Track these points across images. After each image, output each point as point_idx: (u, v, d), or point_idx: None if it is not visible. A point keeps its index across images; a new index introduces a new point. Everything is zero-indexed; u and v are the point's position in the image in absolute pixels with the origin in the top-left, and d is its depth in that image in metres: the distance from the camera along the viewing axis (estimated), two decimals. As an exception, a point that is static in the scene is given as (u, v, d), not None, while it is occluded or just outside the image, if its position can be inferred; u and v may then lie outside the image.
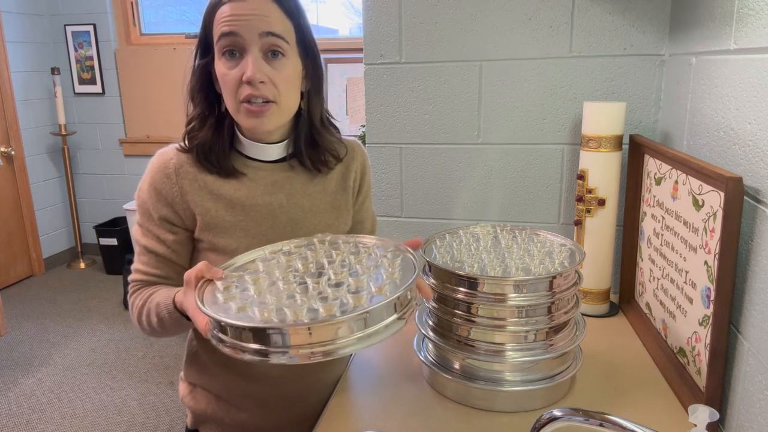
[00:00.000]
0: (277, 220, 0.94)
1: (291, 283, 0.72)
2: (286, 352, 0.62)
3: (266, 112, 0.86)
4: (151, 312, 0.88)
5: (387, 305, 0.66)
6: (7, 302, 3.51)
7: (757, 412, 0.77)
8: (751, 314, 0.79)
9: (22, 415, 2.43)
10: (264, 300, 0.68)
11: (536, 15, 1.30)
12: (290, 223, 0.95)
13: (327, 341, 0.62)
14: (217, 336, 0.67)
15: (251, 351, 0.63)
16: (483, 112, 1.39)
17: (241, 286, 0.73)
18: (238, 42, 0.83)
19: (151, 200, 0.90)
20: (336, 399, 0.97)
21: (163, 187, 0.89)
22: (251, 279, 0.74)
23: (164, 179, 0.89)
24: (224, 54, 0.84)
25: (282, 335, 0.62)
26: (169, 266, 0.93)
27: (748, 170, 0.81)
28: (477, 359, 0.92)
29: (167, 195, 0.89)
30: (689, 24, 1.10)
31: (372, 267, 0.76)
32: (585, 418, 0.56)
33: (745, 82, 0.84)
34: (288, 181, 0.95)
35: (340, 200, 1.01)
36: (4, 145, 3.78)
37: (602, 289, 1.25)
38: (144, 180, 0.92)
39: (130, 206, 3.87)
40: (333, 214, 0.99)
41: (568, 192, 1.38)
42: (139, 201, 0.92)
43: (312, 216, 0.97)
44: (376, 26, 1.39)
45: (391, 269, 0.75)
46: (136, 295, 0.93)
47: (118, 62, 4.01)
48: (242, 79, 0.83)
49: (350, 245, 0.83)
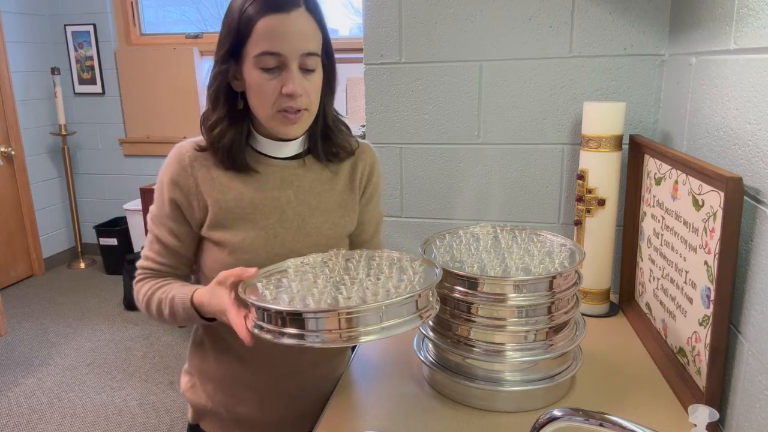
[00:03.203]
0: (284, 215, 0.96)
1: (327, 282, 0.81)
2: (318, 335, 0.71)
3: (300, 119, 0.91)
4: (163, 303, 0.93)
5: (408, 302, 0.75)
6: (7, 302, 3.51)
7: (757, 412, 0.77)
8: (751, 314, 0.79)
9: (22, 415, 2.43)
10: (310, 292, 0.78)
11: (536, 15, 1.30)
12: (297, 219, 0.97)
13: (351, 328, 0.71)
14: (260, 324, 0.76)
15: (289, 335, 0.72)
16: (483, 112, 1.39)
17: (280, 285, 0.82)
18: (279, 60, 0.87)
19: (167, 189, 0.94)
20: (336, 399, 0.97)
21: (180, 177, 0.93)
22: (289, 280, 0.83)
23: (180, 170, 0.93)
24: (261, 67, 0.87)
25: (317, 320, 0.71)
26: (177, 258, 0.97)
27: (748, 170, 0.81)
28: (477, 359, 0.92)
29: (183, 185, 0.93)
30: (689, 24, 1.10)
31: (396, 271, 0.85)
32: (585, 418, 0.56)
33: (745, 82, 0.84)
34: (297, 179, 0.98)
35: (347, 200, 1.03)
36: (4, 145, 3.78)
37: (602, 289, 1.25)
38: (162, 171, 0.96)
39: (130, 206, 3.87)
40: (339, 213, 1.01)
41: (568, 192, 1.38)
42: (157, 192, 0.96)
43: (319, 213, 0.99)
44: (376, 26, 1.39)
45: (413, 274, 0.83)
46: (144, 283, 0.97)
47: (118, 62, 4.01)
48: (282, 92, 0.87)
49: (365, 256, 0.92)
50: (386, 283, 0.80)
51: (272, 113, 0.89)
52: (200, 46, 3.89)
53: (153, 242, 0.97)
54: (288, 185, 0.97)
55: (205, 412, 1.07)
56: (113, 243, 3.97)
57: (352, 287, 0.79)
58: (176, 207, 0.94)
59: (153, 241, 0.97)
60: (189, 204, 0.94)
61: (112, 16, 3.99)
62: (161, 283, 0.96)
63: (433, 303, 0.80)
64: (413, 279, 0.81)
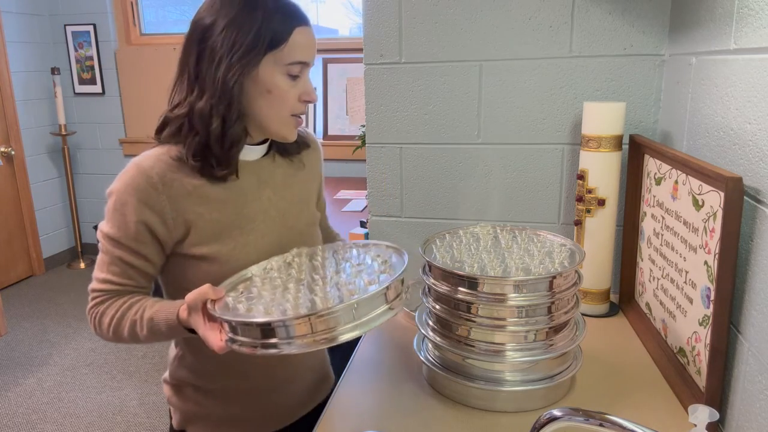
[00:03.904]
0: (267, 214, 0.98)
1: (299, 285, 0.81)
2: (292, 342, 0.72)
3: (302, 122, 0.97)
4: (137, 325, 0.87)
5: (377, 296, 0.75)
6: (7, 302, 3.51)
7: (757, 412, 0.77)
8: (751, 314, 0.79)
9: (22, 415, 2.43)
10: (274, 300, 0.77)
11: (536, 15, 1.30)
12: (278, 214, 0.99)
13: (327, 329, 0.71)
14: (232, 338, 0.76)
15: (263, 345, 0.73)
16: (483, 112, 1.39)
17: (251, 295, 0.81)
18: (304, 68, 0.92)
19: (133, 210, 0.87)
20: (336, 399, 0.97)
21: (149, 197, 0.87)
22: (258, 288, 0.83)
23: (149, 189, 0.87)
24: (289, 74, 0.90)
25: (286, 328, 0.71)
26: (143, 276, 0.92)
27: (748, 170, 0.81)
28: (477, 359, 0.92)
29: (153, 204, 0.88)
30: (689, 24, 1.10)
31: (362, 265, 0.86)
32: (585, 418, 0.56)
33: (745, 82, 0.84)
34: (271, 176, 1.00)
35: (311, 188, 1.08)
36: (4, 145, 3.78)
37: (602, 289, 1.25)
38: (122, 191, 0.88)
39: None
40: (309, 202, 1.07)
41: (568, 192, 1.38)
42: (115, 214, 0.89)
43: (295, 205, 1.02)
44: (376, 26, 1.39)
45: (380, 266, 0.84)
46: (107, 306, 0.90)
47: (118, 62, 4.01)
48: (301, 99, 0.92)
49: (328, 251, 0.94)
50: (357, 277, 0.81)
51: (287, 117, 0.92)
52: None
53: (112, 264, 0.90)
54: (264, 184, 0.98)
55: (193, 416, 1.05)
56: (113, 243, 3.96)
57: (325, 287, 0.78)
58: (145, 229, 0.88)
59: (112, 263, 0.90)
60: (163, 223, 0.88)
61: (112, 16, 3.99)
62: (125, 304, 0.90)
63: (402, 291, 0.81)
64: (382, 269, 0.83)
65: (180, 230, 0.90)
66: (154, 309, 0.87)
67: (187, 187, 0.90)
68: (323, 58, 3.58)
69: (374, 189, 1.50)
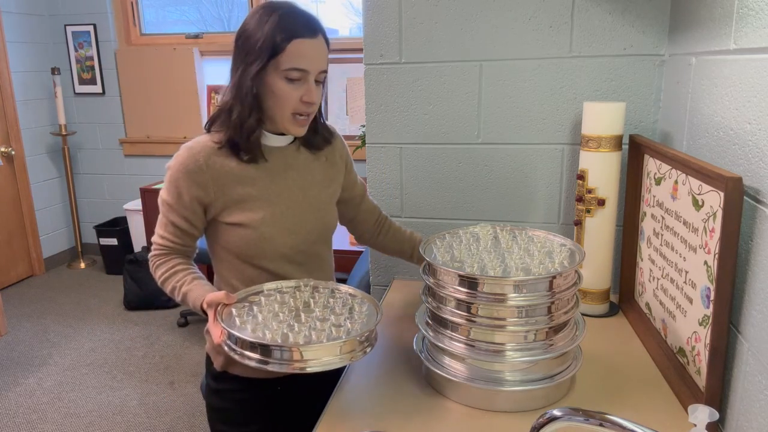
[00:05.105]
0: (292, 191, 1.15)
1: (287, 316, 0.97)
2: (283, 363, 0.87)
3: (308, 121, 1.10)
4: (176, 291, 1.09)
5: (333, 347, 0.88)
6: (7, 302, 3.51)
7: (757, 412, 0.77)
8: (751, 314, 0.79)
9: (22, 415, 2.43)
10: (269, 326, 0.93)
11: (536, 15, 1.30)
12: (300, 192, 1.16)
13: (309, 359, 0.87)
14: (226, 341, 0.93)
15: (256, 360, 0.88)
16: (483, 112, 1.39)
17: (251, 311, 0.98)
18: (303, 75, 1.04)
19: (185, 185, 1.07)
20: (336, 399, 0.98)
21: (196, 175, 1.07)
22: (258, 309, 0.99)
23: (196, 169, 1.07)
24: (287, 78, 1.04)
25: (281, 351, 0.87)
26: (189, 237, 1.13)
27: (748, 170, 0.81)
28: (477, 359, 0.92)
29: (200, 181, 1.07)
30: (689, 24, 1.10)
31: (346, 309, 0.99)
32: (585, 418, 0.56)
33: (744, 82, 0.84)
34: (295, 160, 1.17)
35: (330, 172, 1.23)
36: (4, 145, 3.78)
37: (602, 289, 1.25)
38: (176, 169, 1.08)
39: (130, 206, 3.87)
40: (326, 183, 1.22)
41: (568, 192, 1.38)
42: (171, 185, 1.09)
43: (314, 185, 1.19)
44: (376, 26, 1.39)
45: (359, 313, 0.97)
46: (162, 261, 1.13)
47: (118, 62, 4.01)
48: (302, 100, 1.05)
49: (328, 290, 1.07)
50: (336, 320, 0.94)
51: (289, 116, 1.07)
52: (200, 46, 3.89)
53: (168, 225, 1.11)
54: (289, 166, 1.16)
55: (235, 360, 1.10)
56: (113, 243, 3.96)
57: (303, 325, 0.93)
58: (194, 200, 1.08)
59: (168, 224, 1.11)
60: (207, 195, 1.08)
61: (112, 16, 3.99)
62: (175, 267, 1.11)
63: (357, 351, 0.91)
64: (356, 321, 0.94)
65: (220, 202, 1.10)
66: (189, 287, 1.07)
67: (226, 168, 1.09)
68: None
69: (374, 189, 1.50)
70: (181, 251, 1.14)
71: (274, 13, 1.03)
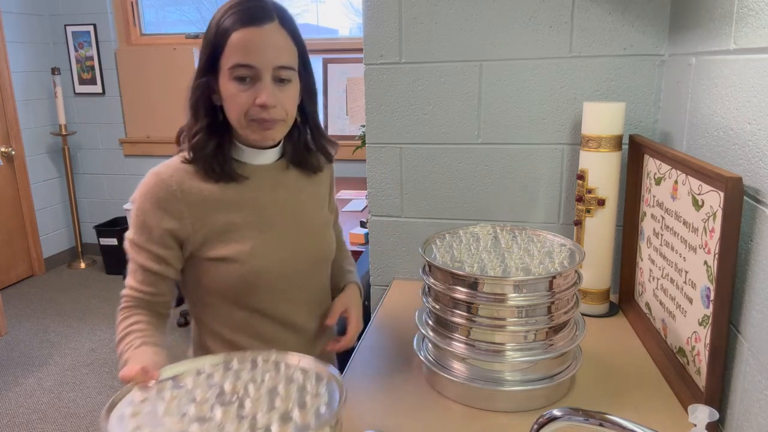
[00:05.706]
0: (283, 214, 1.00)
1: (205, 408, 0.67)
2: None
3: (275, 126, 0.93)
4: (121, 358, 0.87)
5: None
6: (7, 302, 3.51)
7: (757, 412, 0.77)
8: (751, 314, 0.79)
9: (22, 415, 2.43)
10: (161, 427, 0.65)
11: (536, 15, 1.30)
12: (293, 215, 1.01)
13: None
14: None
15: None
16: (483, 112, 1.39)
17: (151, 407, 0.70)
18: (252, 72, 0.88)
19: (155, 217, 0.91)
20: (336, 399, 0.97)
21: (168, 204, 0.91)
22: (159, 405, 0.70)
23: (167, 195, 0.91)
24: (235, 78, 0.89)
25: None
26: (164, 283, 0.95)
27: (748, 170, 0.81)
28: (477, 359, 0.92)
29: (173, 211, 0.91)
30: (689, 24, 1.10)
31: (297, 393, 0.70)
32: (585, 418, 0.56)
33: (744, 82, 0.84)
34: (285, 178, 1.02)
35: (322, 193, 1.10)
36: (4, 145, 3.78)
37: (602, 289, 1.25)
38: (143, 200, 0.92)
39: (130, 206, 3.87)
40: (320, 205, 1.08)
41: (568, 192, 1.38)
42: (138, 220, 0.93)
43: (309, 208, 1.05)
44: (376, 26, 1.39)
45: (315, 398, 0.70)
46: (122, 317, 0.92)
47: (118, 62, 4.01)
48: (255, 103, 0.89)
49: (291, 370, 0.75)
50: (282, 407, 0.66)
51: (246, 122, 0.91)
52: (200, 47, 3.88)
53: (137, 271, 0.93)
54: (279, 185, 1.01)
55: None
56: (113, 243, 3.96)
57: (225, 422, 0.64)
58: (166, 234, 0.91)
59: (137, 270, 0.93)
60: (183, 227, 0.92)
61: (112, 16, 3.99)
62: (130, 327, 0.90)
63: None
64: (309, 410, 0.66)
65: (199, 234, 0.93)
66: (131, 354, 0.86)
67: (204, 193, 0.93)
68: (323, 58, 3.58)
69: (374, 189, 1.50)
70: (150, 303, 0.94)
71: (224, 7, 0.90)
